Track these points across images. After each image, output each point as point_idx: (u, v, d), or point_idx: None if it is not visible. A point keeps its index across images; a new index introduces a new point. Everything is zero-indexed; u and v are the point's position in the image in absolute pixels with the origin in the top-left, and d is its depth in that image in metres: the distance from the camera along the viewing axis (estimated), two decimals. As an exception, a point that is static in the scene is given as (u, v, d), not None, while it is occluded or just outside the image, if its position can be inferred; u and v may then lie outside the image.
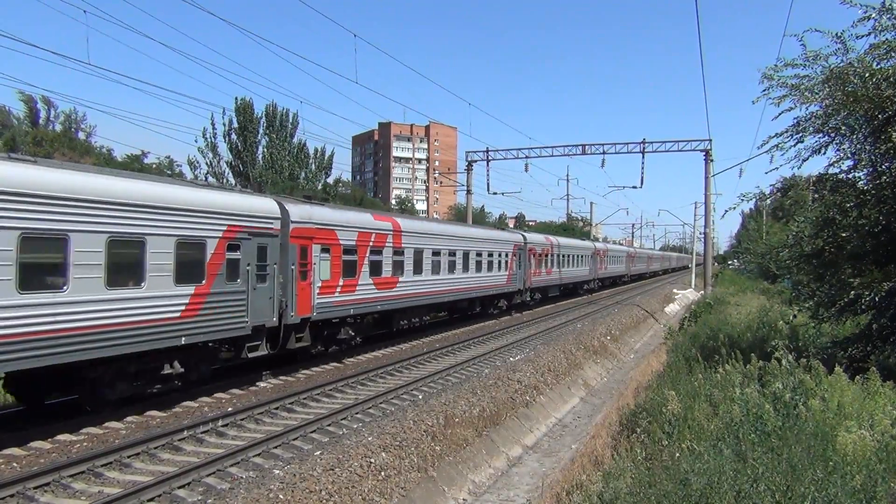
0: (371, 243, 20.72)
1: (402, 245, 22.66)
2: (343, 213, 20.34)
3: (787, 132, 12.76)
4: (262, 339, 15.94)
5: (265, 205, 16.21)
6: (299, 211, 17.55)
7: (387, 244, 21.72)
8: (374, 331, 23.42)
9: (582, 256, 48.23)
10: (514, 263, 34.17)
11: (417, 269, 23.75)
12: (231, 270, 14.53)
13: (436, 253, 25.26)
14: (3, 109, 59.41)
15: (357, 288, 19.85)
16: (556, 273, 41.54)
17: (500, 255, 32.25)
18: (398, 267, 22.47)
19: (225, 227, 14.32)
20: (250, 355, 15.68)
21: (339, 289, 18.93)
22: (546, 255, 39.28)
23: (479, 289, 29.87)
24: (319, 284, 17.91)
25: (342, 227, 19.29)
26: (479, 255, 29.50)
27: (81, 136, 66.63)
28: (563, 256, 43.45)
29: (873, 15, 11.01)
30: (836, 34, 11.48)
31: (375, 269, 21.05)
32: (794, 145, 12.82)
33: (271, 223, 16.03)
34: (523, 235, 37.22)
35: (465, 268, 28.10)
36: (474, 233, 31.06)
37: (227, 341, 15.18)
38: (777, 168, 17.49)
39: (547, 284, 40.25)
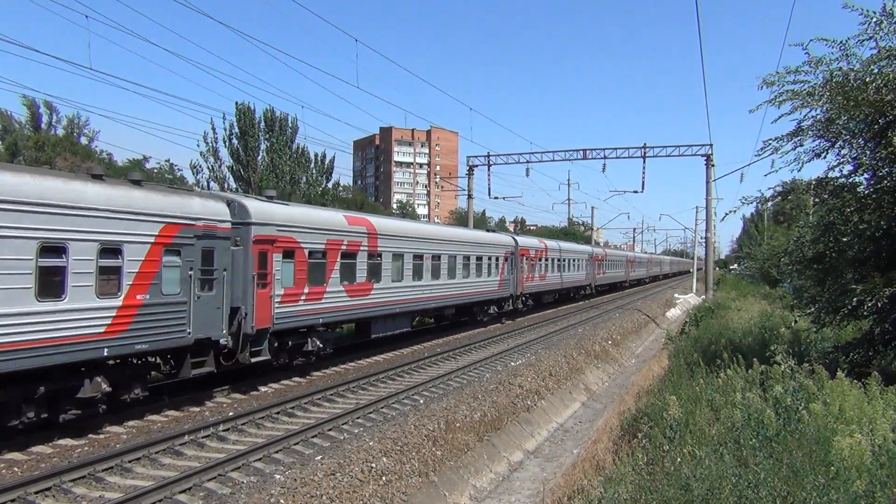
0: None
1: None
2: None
3: (787, 136, 12.79)
4: None
5: None
6: None
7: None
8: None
9: (491, 258, 30.83)
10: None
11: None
12: None
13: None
14: (5, 114, 59.61)
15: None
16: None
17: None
18: None
19: None
20: None
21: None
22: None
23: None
24: None
25: None
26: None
27: (84, 140, 66.79)
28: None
29: (875, 19, 11.04)
30: (840, 42, 11.50)
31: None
32: (794, 149, 12.85)
33: None
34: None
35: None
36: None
37: None
38: (776, 171, 17.54)
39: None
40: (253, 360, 15.44)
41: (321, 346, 18.08)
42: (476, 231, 35.39)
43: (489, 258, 30.31)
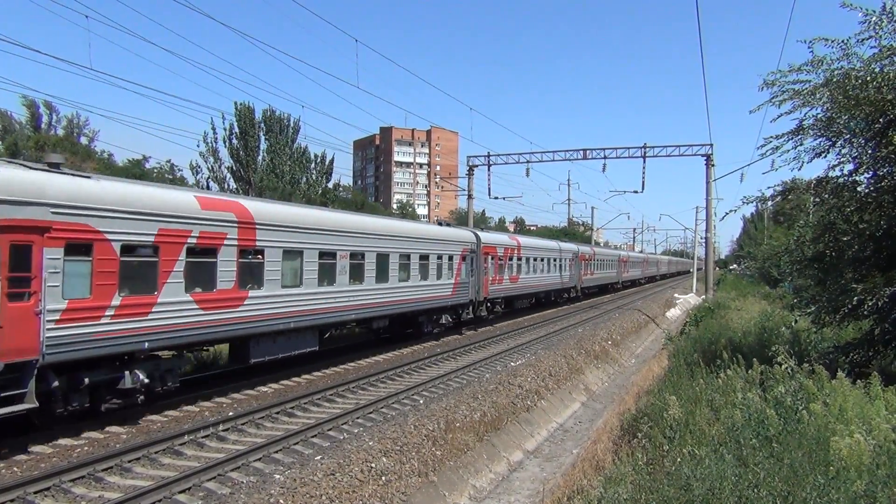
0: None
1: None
2: None
3: (787, 134, 12.80)
4: None
5: None
6: None
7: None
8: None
9: (442, 256, 25.29)
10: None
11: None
12: None
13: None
14: (4, 114, 59.58)
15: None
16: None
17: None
18: None
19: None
20: None
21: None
22: None
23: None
24: None
25: None
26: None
27: (84, 140, 66.83)
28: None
29: (874, 18, 11.05)
30: (841, 41, 11.50)
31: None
32: (795, 147, 12.86)
33: None
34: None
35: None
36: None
37: None
38: (776, 169, 17.47)
39: None
40: (1, 410, 10.00)
41: (148, 381, 12.83)
42: (419, 224, 29.34)
43: (439, 257, 24.93)
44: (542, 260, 38.23)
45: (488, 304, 30.33)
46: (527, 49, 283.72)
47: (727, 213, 49.88)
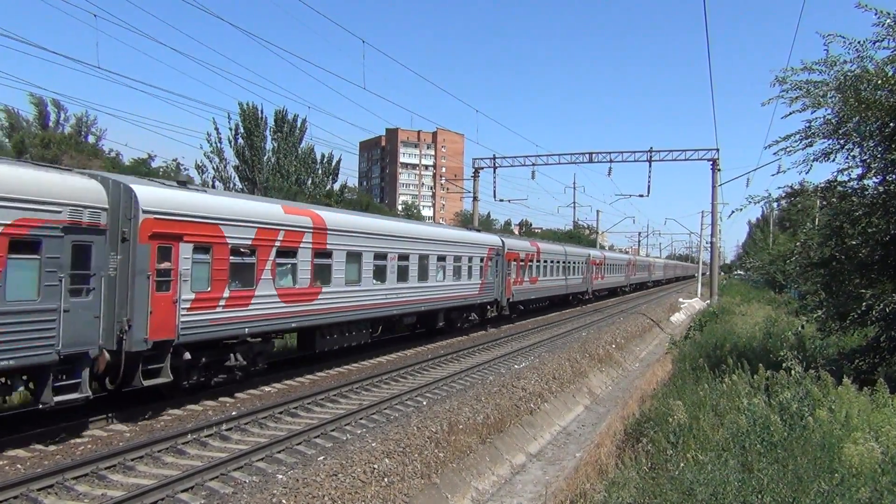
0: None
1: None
2: None
3: (796, 134, 12.72)
4: None
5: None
6: None
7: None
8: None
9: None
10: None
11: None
12: None
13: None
14: (12, 112, 59.83)
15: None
16: None
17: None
18: None
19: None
20: None
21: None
22: None
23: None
24: None
25: None
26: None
27: (91, 139, 67.01)
28: None
29: (888, 21, 10.98)
30: (858, 42, 11.43)
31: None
32: (803, 149, 12.79)
33: None
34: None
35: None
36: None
37: None
38: (784, 171, 17.28)
39: None
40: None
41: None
42: None
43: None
44: (405, 259, 22.32)
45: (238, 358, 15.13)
46: (533, 52, 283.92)
47: (733, 212, 50.38)
